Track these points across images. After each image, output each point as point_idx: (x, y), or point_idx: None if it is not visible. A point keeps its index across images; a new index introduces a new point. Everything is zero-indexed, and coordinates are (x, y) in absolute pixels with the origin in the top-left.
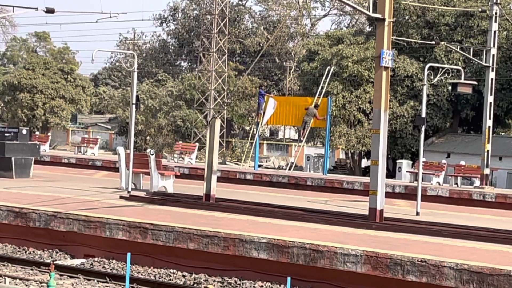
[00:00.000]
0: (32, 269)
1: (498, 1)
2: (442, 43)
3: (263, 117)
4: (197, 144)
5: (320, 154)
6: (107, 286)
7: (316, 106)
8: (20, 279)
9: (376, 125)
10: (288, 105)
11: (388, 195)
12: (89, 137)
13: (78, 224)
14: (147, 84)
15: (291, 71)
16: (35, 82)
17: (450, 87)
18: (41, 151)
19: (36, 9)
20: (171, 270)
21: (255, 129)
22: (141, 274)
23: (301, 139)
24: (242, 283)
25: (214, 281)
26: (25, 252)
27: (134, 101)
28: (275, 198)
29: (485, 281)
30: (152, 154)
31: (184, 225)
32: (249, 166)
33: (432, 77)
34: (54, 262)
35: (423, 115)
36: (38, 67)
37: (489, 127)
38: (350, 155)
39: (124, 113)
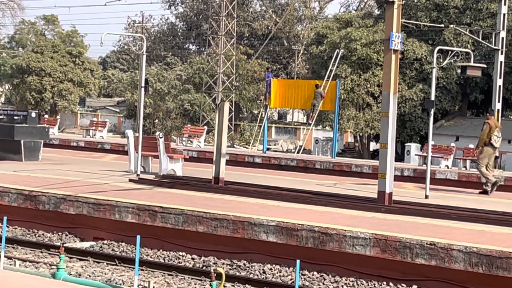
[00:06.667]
0: (42, 252)
1: None
2: (451, 26)
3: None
4: (205, 127)
5: (329, 137)
6: (117, 269)
7: (316, 86)
8: (30, 261)
9: (385, 108)
10: (297, 88)
11: (397, 178)
12: (98, 120)
13: (87, 207)
14: (155, 68)
15: (300, 54)
16: (44, 65)
17: (459, 70)
18: (50, 134)
19: None
20: (180, 253)
21: (263, 113)
22: (150, 257)
23: (310, 122)
24: (251, 266)
25: (223, 264)
26: (35, 235)
27: (143, 84)
28: (284, 181)
29: (494, 264)
30: (161, 137)
31: (193, 208)
32: (258, 150)
33: (441, 60)
34: (64, 245)
35: (433, 98)
36: (46, 50)
37: (498, 110)
38: (358, 138)
39: (132, 96)
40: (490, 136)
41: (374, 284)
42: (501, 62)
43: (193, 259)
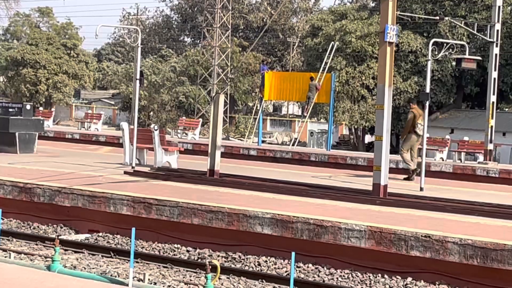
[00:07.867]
0: (37, 244)
1: None
2: (446, 18)
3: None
4: (200, 119)
5: (324, 129)
6: (112, 261)
7: (311, 78)
8: (25, 254)
9: (380, 101)
10: (292, 80)
11: (391, 170)
12: (93, 112)
13: (82, 199)
14: (150, 60)
15: (295, 47)
16: (38, 57)
17: (454, 63)
18: (44, 127)
19: None
20: (175, 245)
21: (258, 105)
22: (146, 249)
23: (305, 114)
24: (246, 258)
25: (218, 256)
26: (30, 227)
27: (138, 77)
28: (279, 174)
29: (489, 256)
30: (156, 130)
31: (189, 201)
32: (253, 142)
33: (436, 53)
34: (59, 237)
35: (427, 90)
36: (41, 43)
37: (493, 102)
38: (353, 130)
39: (127, 88)
40: (414, 124)
41: (369, 276)
42: (496, 54)
43: (188, 251)
